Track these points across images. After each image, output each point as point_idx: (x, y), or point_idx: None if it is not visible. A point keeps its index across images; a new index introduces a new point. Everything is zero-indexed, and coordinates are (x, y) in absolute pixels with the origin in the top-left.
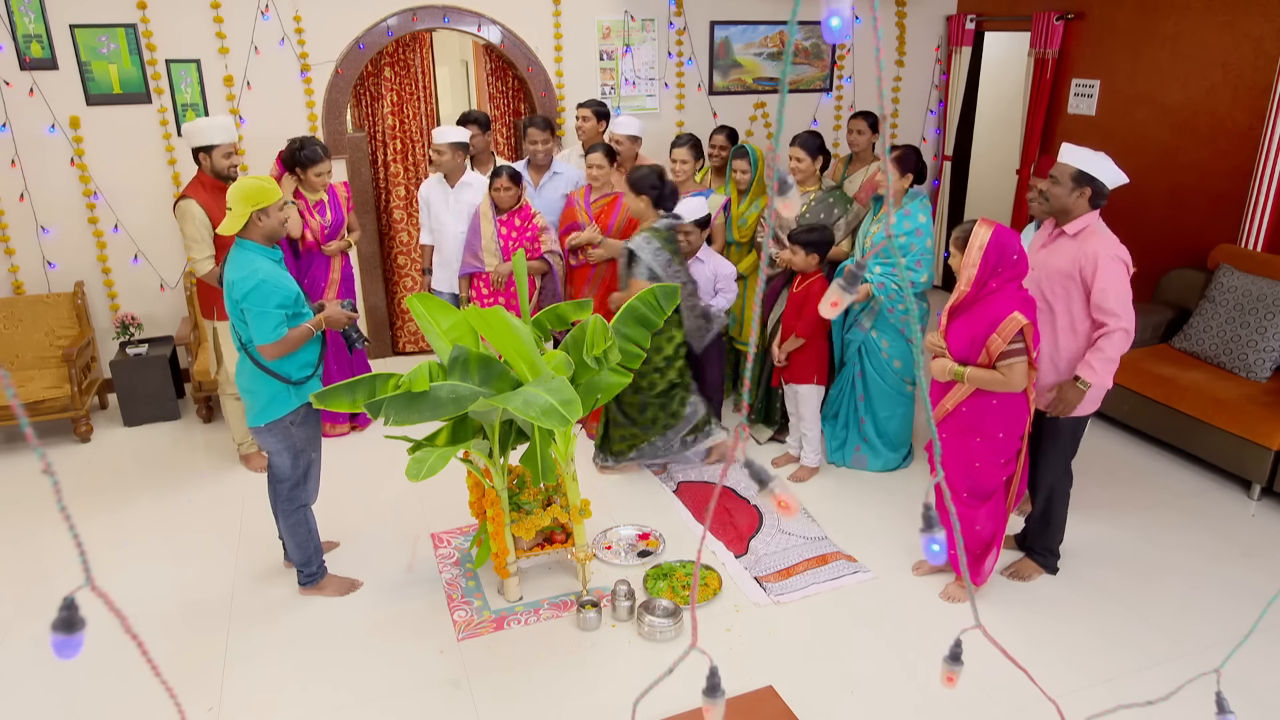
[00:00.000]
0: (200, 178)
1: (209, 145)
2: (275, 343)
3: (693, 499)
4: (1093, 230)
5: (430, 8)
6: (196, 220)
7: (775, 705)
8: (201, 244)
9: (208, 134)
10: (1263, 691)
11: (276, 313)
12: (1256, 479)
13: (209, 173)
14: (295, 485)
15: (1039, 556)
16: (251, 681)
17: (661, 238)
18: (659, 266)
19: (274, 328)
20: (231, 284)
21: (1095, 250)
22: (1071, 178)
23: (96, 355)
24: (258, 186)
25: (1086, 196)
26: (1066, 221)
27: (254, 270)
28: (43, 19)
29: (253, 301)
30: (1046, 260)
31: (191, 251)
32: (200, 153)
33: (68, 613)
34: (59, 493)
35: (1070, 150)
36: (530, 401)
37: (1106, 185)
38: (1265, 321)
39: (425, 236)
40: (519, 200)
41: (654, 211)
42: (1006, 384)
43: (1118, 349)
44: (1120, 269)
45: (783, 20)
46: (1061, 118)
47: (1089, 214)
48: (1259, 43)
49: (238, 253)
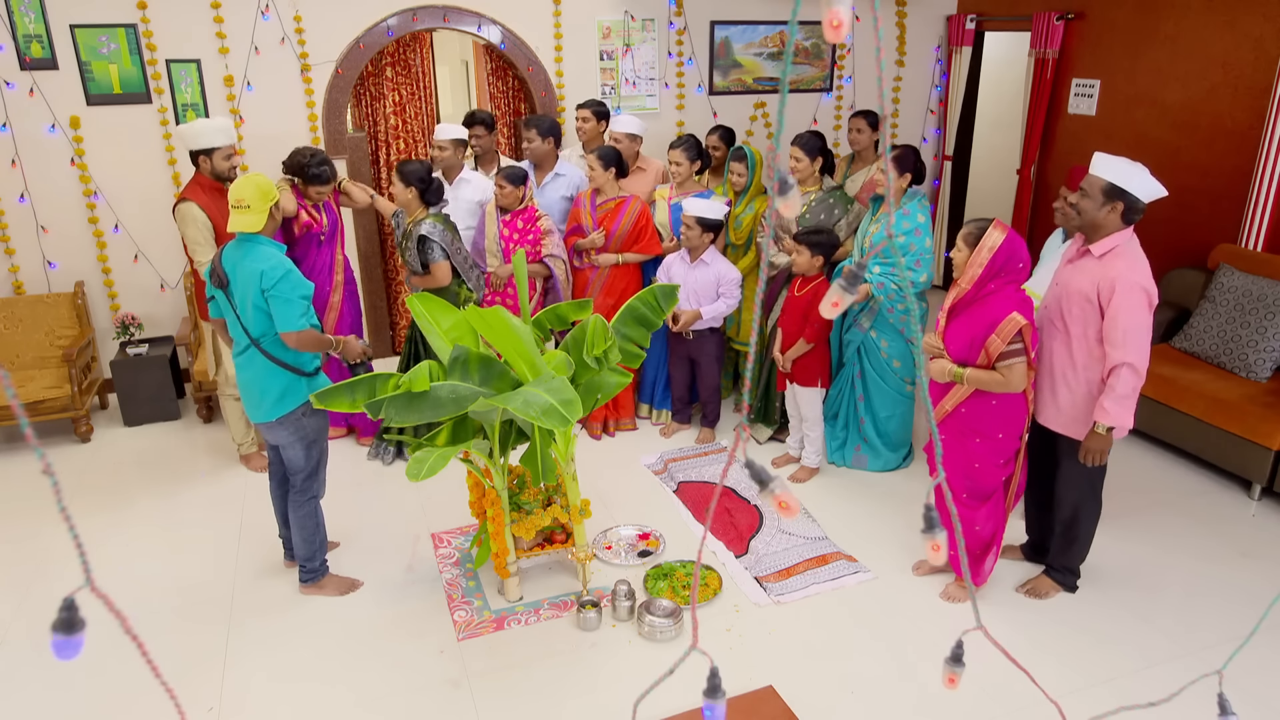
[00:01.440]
0: (199, 179)
1: (209, 148)
2: (299, 332)
3: (693, 499)
4: (1119, 252)
5: (430, 8)
6: (198, 223)
7: (775, 705)
8: (205, 246)
9: (207, 136)
10: (1264, 693)
11: (302, 302)
12: (1257, 479)
13: (208, 175)
14: (309, 476)
15: (1058, 574)
16: (252, 682)
17: (441, 220)
18: (447, 245)
19: (300, 315)
20: (260, 274)
21: (1116, 275)
22: (1103, 191)
23: (97, 355)
24: (268, 181)
25: (1119, 212)
26: (1096, 238)
27: (281, 261)
28: (43, 19)
29: (282, 289)
30: (1069, 279)
31: (195, 254)
32: (200, 155)
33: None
34: (59, 493)
35: (1103, 161)
36: (530, 401)
37: (1141, 200)
38: (1265, 321)
39: None
40: (521, 201)
41: (421, 205)
42: (1006, 385)
43: (1127, 386)
44: (1139, 298)
45: (783, 20)
46: (1062, 118)
47: (1120, 232)
48: (1259, 43)
49: (253, 247)
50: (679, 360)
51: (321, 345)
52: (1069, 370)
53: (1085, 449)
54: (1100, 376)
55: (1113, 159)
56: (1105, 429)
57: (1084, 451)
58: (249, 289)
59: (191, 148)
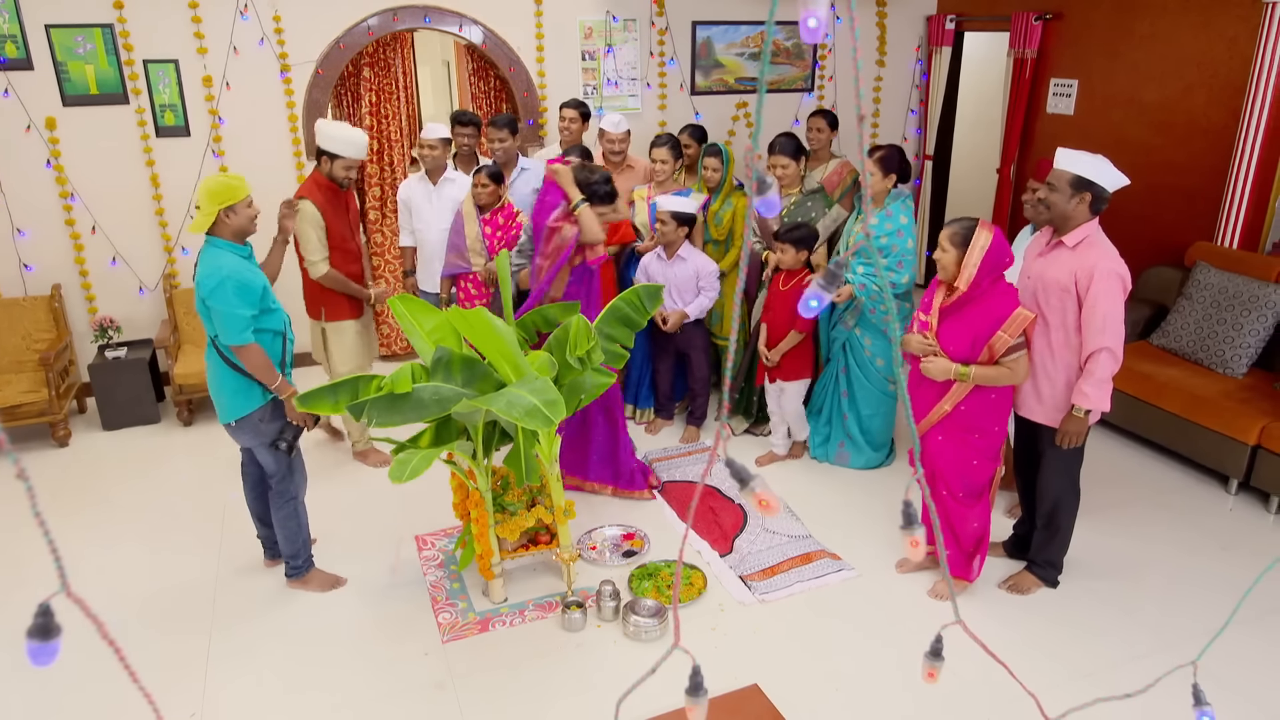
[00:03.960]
0: (316, 178)
1: (336, 154)
2: (241, 347)
3: (677, 498)
4: (1092, 241)
5: (411, 8)
6: (315, 221)
7: (760, 704)
8: (319, 245)
9: (340, 143)
10: (1240, 683)
11: (242, 314)
12: (1234, 474)
13: (325, 175)
14: (284, 478)
15: (1040, 569)
16: (234, 686)
17: None
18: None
19: (240, 330)
20: (198, 281)
21: (1094, 263)
22: (1070, 183)
23: (74, 359)
24: (224, 184)
25: (1087, 202)
26: (1066, 229)
27: (218, 267)
28: (17, 19)
29: (217, 299)
30: (1044, 271)
31: (308, 253)
32: (324, 156)
33: (43, 619)
34: (33, 497)
35: (1067, 155)
36: (514, 402)
37: (1107, 189)
38: (1241, 318)
39: (405, 239)
40: (499, 199)
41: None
42: (1013, 377)
43: (1106, 370)
44: (1116, 285)
45: (764, 20)
46: (1040, 117)
47: (1089, 223)
48: (1233, 42)
49: (207, 250)
50: (665, 356)
51: (263, 373)
52: (1048, 361)
53: (1063, 432)
54: (1078, 364)
55: (1076, 153)
56: (1084, 412)
57: (1061, 434)
58: (196, 292)
59: (322, 146)
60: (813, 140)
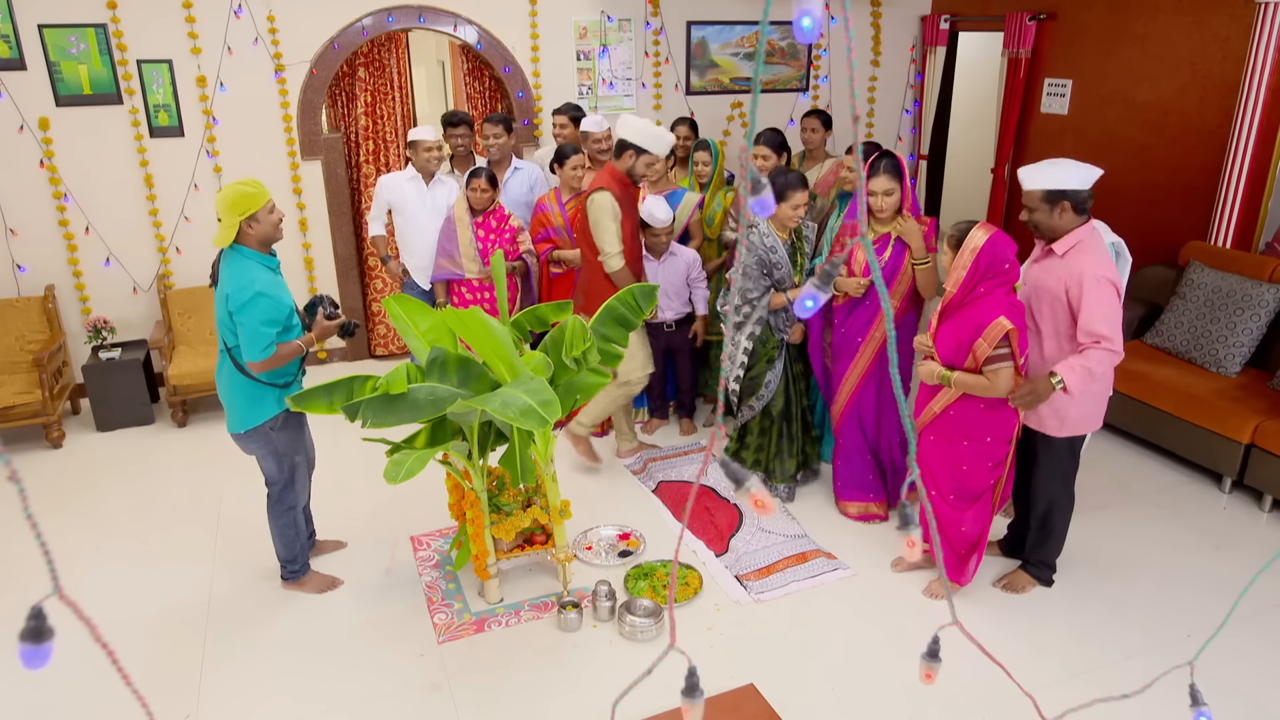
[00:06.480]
0: (611, 170)
1: (642, 148)
2: (262, 362)
3: (672, 498)
4: (1082, 248)
5: (406, 8)
6: (613, 212)
7: (757, 703)
8: (616, 237)
9: (647, 138)
10: (1236, 682)
11: (268, 331)
12: (1228, 472)
13: (625, 170)
14: (284, 488)
15: (1034, 569)
16: (229, 688)
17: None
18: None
19: (264, 347)
20: (226, 294)
21: (1081, 270)
22: (1042, 199)
23: (68, 360)
24: (242, 194)
25: (1068, 210)
26: (1059, 238)
27: (251, 280)
28: (10, 18)
29: (247, 315)
30: (1038, 280)
31: (605, 245)
32: (629, 149)
33: (36, 622)
34: (25, 499)
35: (1027, 173)
36: (509, 403)
37: (1081, 190)
38: (1234, 317)
39: (376, 227)
40: (493, 202)
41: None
42: (992, 389)
43: (1100, 364)
44: (1108, 290)
45: (759, 20)
46: (1035, 117)
47: (1080, 228)
48: (1226, 42)
49: (235, 260)
50: (656, 354)
51: (295, 353)
52: (1041, 369)
53: (1030, 389)
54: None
55: (1034, 168)
56: (1058, 381)
57: (1028, 391)
58: (221, 301)
59: (628, 138)
60: (807, 140)
